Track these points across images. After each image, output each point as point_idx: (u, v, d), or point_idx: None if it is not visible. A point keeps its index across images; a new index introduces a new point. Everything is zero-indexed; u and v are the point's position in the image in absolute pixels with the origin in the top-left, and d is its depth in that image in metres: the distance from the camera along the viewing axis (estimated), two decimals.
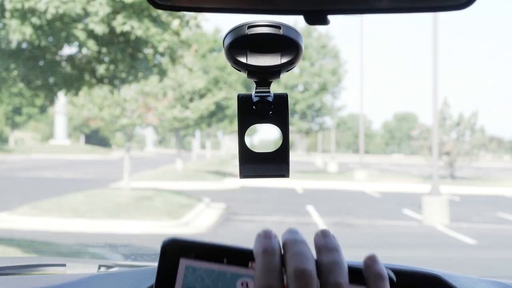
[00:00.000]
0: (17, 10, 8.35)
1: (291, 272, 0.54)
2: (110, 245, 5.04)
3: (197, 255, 0.57)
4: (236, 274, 0.57)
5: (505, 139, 40.26)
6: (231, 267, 0.57)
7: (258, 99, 0.75)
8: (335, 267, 0.55)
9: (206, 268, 0.57)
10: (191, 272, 0.57)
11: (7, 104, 31.71)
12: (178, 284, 0.56)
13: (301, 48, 0.72)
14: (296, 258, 0.54)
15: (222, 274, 0.57)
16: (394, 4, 0.75)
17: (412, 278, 1.05)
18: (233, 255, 0.57)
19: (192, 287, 0.56)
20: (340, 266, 0.55)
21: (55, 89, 9.78)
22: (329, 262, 0.55)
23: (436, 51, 14.46)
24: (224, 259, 0.57)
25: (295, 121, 31.98)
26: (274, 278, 0.54)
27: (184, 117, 18.39)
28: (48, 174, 19.86)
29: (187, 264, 0.57)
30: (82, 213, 10.15)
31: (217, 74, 26.27)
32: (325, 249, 0.56)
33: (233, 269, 0.57)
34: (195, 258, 0.57)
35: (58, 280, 1.16)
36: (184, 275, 0.57)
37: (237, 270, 0.57)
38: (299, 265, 0.54)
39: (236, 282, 0.57)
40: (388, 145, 66.46)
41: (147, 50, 9.42)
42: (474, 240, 9.03)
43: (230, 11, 0.75)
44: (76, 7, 8.39)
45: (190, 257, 0.57)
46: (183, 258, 0.57)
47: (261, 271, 0.54)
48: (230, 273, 0.57)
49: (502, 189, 19.44)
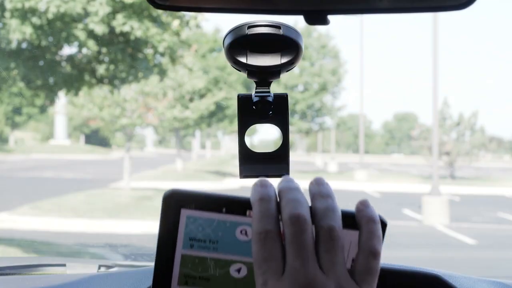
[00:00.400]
0: (17, 10, 8.35)
1: (286, 218, 0.56)
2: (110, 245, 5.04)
3: (197, 205, 0.59)
4: (235, 223, 0.59)
5: (505, 139, 40.28)
6: (230, 216, 0.59)
7: (258, 99, 0.75)
8: (328, 212, 0.57)
9: (206, 217, 0.59)
10: (192, 222, 0.59)
11: (7, 104, 31.71)
12: (180, 233, 0.59)
13: (301, 48, 0.73)
14: (291, 205, 0.56)
15: (222, 223, 0.59)
16: (394, 4, 0.75)
17: (412, 278, 1.05)
18: (231, 204, 0.59)
19: (193, 236, 0.59)
20: (334, 211, 0.57)
21: (55, 89, 9.78)
22: (322, 207, 0.57)
23: (436, 51, 14.47)
24: (223, 208, 0.59)
25: (295, 121, 31.99)
26: (271, 224, 0.56)
27: (184, 117, 18.39)
28: (48, 174, 19.86)
29: (188, 214, 0.59)
30: (82, 213, 10.15)
31: (217, 74, 26.27)
32: (319, 196, 0.58)
33: (232, 218, 0.59)
34: (195, 208, 0.59)
35: (58, 280, 1.16)
36: (185, 225, 0.59)
37: (236, 219, 0.59)
38: (293, 211, 0.56)
39: (236, 230, 0.59)
40: (388, 145, 66.46)
41: (147, 50, 9.42)
42: (474, 240, 9.03)
43: (230, 11, 0.75)
44: (76, 6, 8.39)
45: (191, 208, 0.59)
46: (184, 209, 0.59)
47: (258, 218, 0.56)
48: (229, 221, 0.59)
49: (502, 189, 19.44)
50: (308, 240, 0.55)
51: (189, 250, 0.59)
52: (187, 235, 0.59)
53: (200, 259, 0.59)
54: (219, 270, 0.60)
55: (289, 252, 0.55)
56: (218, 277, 0.60)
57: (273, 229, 0.56)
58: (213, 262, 0.59)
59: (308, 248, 0.55)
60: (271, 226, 0.56)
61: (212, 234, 0.59)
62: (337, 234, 0.56)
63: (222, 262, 0.59)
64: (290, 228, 0.56)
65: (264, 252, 0.56)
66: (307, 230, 0.55)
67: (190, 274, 0.60)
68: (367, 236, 0.57)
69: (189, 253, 0.59)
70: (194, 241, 0.59)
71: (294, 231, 0.55)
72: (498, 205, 14.51)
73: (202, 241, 0.59)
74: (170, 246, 0.59)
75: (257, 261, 0.56)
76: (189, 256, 0.59)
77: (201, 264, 0.60)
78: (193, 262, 0.60)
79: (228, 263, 0.59)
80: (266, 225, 0.56)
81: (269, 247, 0.56)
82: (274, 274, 0.55)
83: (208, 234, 0.59)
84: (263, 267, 0.56)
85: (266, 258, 0.56)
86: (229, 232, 0.59)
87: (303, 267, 0.55)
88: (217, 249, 0.59)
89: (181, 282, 0.60)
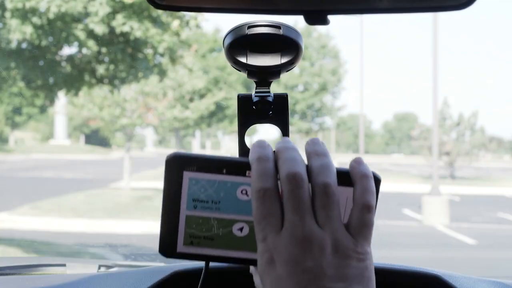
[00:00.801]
0: (18, 10, 8.35)
1: (284, 176, 0.58)
2: (110, 245, 5.04)
3: (198, 167, 0.61)
4: (235, 183, 0.61)
5: (505, 139, 40.24)
6: (230, 177, 0.61)
7: (258, 99, 0.75)
8: (323, 169, 0.59)
9: (208, 179, 0.61)
10: (194, 184, 0.61)
11: (7, 104, 31.70)
12: (184, 195, 0.61)
13: (301, 48, 0.73)
14: (288, 163, 0.59)
15: (223, 184, 0.61)
16: (394, 4, 0.75)
17: (412, 278, 1.05)
18: (231, 165, 0.61)
19: (196, 197, 0.61)
20: (329, 169, 0.59)
21: (55, 89, 9.78)
22: (318, 165, 0.59)
23: (436, 51, 14.47)
24: (224, 169, 0.61)
25: (295, 121, 31.98)
26: (269, 182, 0.58)
27: (184, 117, 18.38)
28: (48, 174, 19.85)
29: (190, 176, 0.61)
30: (82, 213, 10.15)
31: (217, 74, 26.27)
32: (315, 155, 0.60)
33: (232, 178, 0.61)
34: (197, 170, 0.61)
35: (58, 280, 1.16)
36: (188, 186, 0.61)
37: (236, 179, 0.61)
38: (290, 169, 0.58)
39: (236, 190, 0.61)
40: (388, 145, 66.43)
41: (147, 50, 9.42)
42: (474, 240, 9.03)
43: (230, 11, 0.75)
44: (77, 6, 8.39)
45: (193, 170, 0.61)
46: (186, 171, 0.61)
47: (257, 176, 0.59)
48: (230, 182, 0.61)
49: (502, 189, 19.44)
50: (305, 197, 0.58)
51: (192, 211, 0.62)
52: (190, 197, 0.61)
53: (204, 219, 0.62)
54: (222, 229, 0.62)
55: (287, 208, 0.58)
56: (222, 236, 0.62)
57: (271, 187, 0.58)
58: (216, 221, 0.62)
59: (305, 204, 0.58)
60: (269, 184, 0.58)
61: (214, 194, 0.61)
62: (332, 190, 0.58)
63: (225, 221, 0.62)
64: (287, 186, 0.58)
65: (263, 209, 0.58)
66: (303, 187, 0.58)
67: (195, 234, 0.62)
68: (361, 191, 0.60)
69: (193, 214, 0.62)
70: (197, 202, 0.62)
71: (291, 188, 0.58)
72: (498, 205, 14.51)
73: (205, 201, 0.62)
74: (174, 208, 0.62)
75: (256, 217, 0.59)
76: (193, 217, 0.62)
77: (204, 224, 0.62)
78: (197, 222, 0.62)
79: (231, 223, 0.62)
80: (265, 183, 0.58)
81: (268, 204, 0.58)
82: (273, 230, 0.58)
83: (210, 195, 0.61)
84: (262, 223, 0.58)
85: (265, 214, 0.58)
86: (230, 193, 0.62)
87: (300, 222, 0.57)
88: (219, 209, 0.62)
89: (186, 242, 0.63)
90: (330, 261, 0.57)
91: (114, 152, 39.64)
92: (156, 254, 5.42)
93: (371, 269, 0.60)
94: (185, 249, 0.63)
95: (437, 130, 14.30)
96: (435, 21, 14.58)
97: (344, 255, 0.58)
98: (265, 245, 0.58)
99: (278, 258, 0.58)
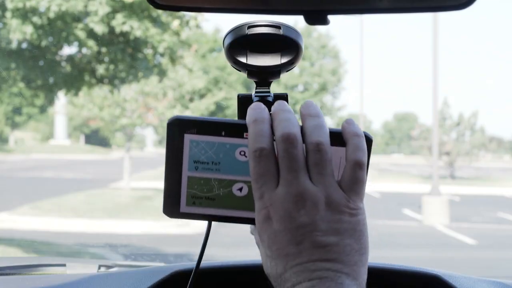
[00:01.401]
0: (18, 10, 8.35)
1: (279, 136, 0.61)
2: (110, 245, 5.04)
3: (198, 130, 0.64)
4: (234, 145, 0.65)
5: (505, 139, 40.20)
6: (229, 139, 0.64)
7: (258, 99, 0.75)
8: (317, 129, 0.62)
9: (208, 141, 0.64)
10: (195, 146, 0.64)
11: (7, 104, 31.69)
12: (185, 157, 0.64)
13: (301, 48, 0.73)
14: (283, 124, 0.62)
15: (222, 145, 0.64)
16: (394, 4, 0.75)
17: (412, 278, 1.05)
18: (230, 127, 0.65)
19: (197, 159, 0.65)
20: (322, 129, 0.62)
21: (55, 89, 9.78)
22: (311, 125, 0.62)
23: (436, 51, 14.47)
24: (222, 132, 0.64)
25: None
26: (264, 142, 0.61)
27: None
28: (48, 174, 19.85)
29: (191, 139, 0.64)
30: (82, 213, 10.15)
31: (217, 74, 26.27)
32: (308, 116, 0.63)
33: (231, 140, 0.64)
34: (197, 133, 0.64)
35: (58, 280, 1.16)
36: (189, 148, 0.64)
37: (234, 141, 0.64)
38: (285, 129, 0.61)
39: (235, 152, 0.65)
40: (388, 145, 66.42)
41: (147, 50, 9.42)
42: (474, 240, 9.03)
43: (230, 11, 0.75)
44: (78, 5, 8.39)
45: (193, 132, 0.64)
46: (187, 134, 0.64)
47: (253, 137, 0.62)
48: (229, 144, 0.64)
49: (502, 189, 19.44)
50: (299, 155, 0.61)
51: (194, 172, 0.65)
52: (192, 158, 0.64)
53: (205, 180, 0.65)
54: (223, 189, 0.65)
55: (282, 166, 0.61)
56: (222, 196, 0.65)
57: (267, 147, 0.61)
58: (217, 182, 0.65)
59: (299, 162, 0.60)
60: (265, 144, 0.61)
61: (214, 156, 0.64)
62: (325, 148, 0.61)
63: (225, 182, 0.65)
64: (282, 145, 0.61)
65: (260, 168, 0.61)
66: (297, 146, 0.61)
67: (197, 195, 0.65)
68: (353, 149, 0.62)
69: (194, 175, 0.65)
70: (198, 163, 0.64)
71: (286, 147, 0.60)
72: (498, 205, 14.51)
73: (206, 163, 0.64)
74: (177, 170, 0.65)
75: (253, 176, 0.61)
76: (194, 178, 0.65)
77: (206, 185, 0.65)
78: (199, 183, 0.65)
79: (231, 183, 0.65)
80: (260, 144, 0.61)
81: (264, 163, 0.61)
82: (269, 187, 0.61)
83: (210, 157, 0.64)
84: (259, 182, 0.61)
85: (261, 173, 0.61)
86: (229, 154, 0.65)
87: (295, 180, 0.60)
88: (219, 170, 0.65)
89: (189, 203, 0.66)
90: (323, 216, 0.60)
91: (114, 152, 39.61)
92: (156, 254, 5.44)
93: (363, 224, 0.62)
94: (188, 209, 0.66)
95: (437, 130, 14.30)
96: (435, 21, 14.58)
97: (337, 210, 0.60)
98: (262, 203, 0.61)
99: (274, 214, 0.60)
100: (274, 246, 0.61)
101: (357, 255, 0.60)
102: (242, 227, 0.73)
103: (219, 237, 7.33)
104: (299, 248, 0.59)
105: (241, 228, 0.78)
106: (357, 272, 0.60)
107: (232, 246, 7.18)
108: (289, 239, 0.60)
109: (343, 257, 0.59)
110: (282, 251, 0.60)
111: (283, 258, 0.60)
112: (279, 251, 0.60)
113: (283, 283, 0.60)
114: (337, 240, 0.60)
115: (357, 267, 0.60)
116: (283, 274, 0.60)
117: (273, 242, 0.61)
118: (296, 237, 0.60)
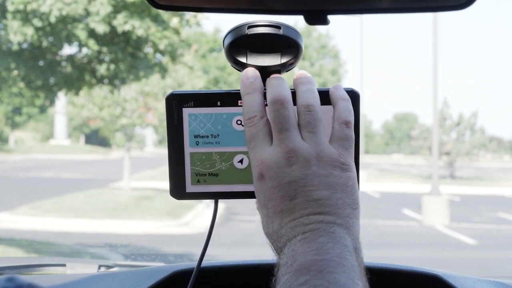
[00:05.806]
0: (19, 12, 8.35)
1: (270, 99, 0.65)
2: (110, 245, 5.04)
3: (196, 102, 0.67)
4: (230, 114, 0.67)
5: (505, 139, 40.20)
6: (225, 108, 0.67)
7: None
8: (307, 92, 0.66)
9: (205, 113, 0.67)
10: (194, 120, 0.67)
11: (7, 104, 31.69)
12: (186, 132, 0.67)
13: (301, 48, 0.73)
14: (273, 89, 0.66)
15: (219, 116, 0.67)
16: (394, 4, 0.75)
17: (412, 278, 1.05)
18: (224, 97, 0.67)
19: (197, 133, 0.67)
20: (312, 92, 0.66)
21: (55, 89, 9.77)
22: (302, 90, 0.66)
23: (436, 51, 14.46)
24: (218, 102, 0.67)
25: None
26: (257, 110, 0.65)
27: None
28: (48, 174, 19.85)
29: (190, 112, 0.67)
30: (82, 213, 10.15)
31: (217, 74, 26.27)
32: (300, 83, 0.67)
33: (227, 109, 0.68)
34: (194, 106, 0.67)
35: (58, 280, 1.15)
36: (188, 123, 0.67)
37: (230, 110, 0.68)
38: (275, 93, 0.65)
39: (232, 121, 0.67)
40: (388, 145, 66.40)
41: (148, 49, 9.42)
42: (474, 240, 9.03)
43: (230, 11, 0.75)
44: (78, 8, 8.39)
45: (190, 106, 0.67)
46: (185, 107, 0.67)
47: (246, 106, 0.65)
48: (226, 113, 0.67)
49: (502, 189, 19.44)
50: (290, 115, 0.64)
51: (195, 148, 0.67)
52: (192, 133, 0.67)
53: (207, 155, 0.68)
54: (224, 163, 0.68)
55: (274, 127, 0.64)
56: (225, 170, 0.68)
57: (259, 113, 0.65)
58: (218, 156, 0.68)
59: (290, 122, 0.64)
60: (257, 111, 0.65)
61: (212, 128, 0.67)
62: (315, 109, 0.65)
63: (225, 154, 0.68)
64: (273, 107, 0.64)
65: (252, 130, 0.64)
66: (288, 107, 0.64)
67: (200, 172, 0.68)
68: (339, 111, 0.67)
69: (196, 151, 0.67)
70: (199, 138, 0.67)
71: (277, 108, 0.64)
72: (498, 205, 14.51)
73: (205, 137, 0.67)
74: (179, 147, 0.67)
75: (247, 139, 0.65)
76: (196, 154, 0.67)
77: (208, 160, 0.68)
78: (201, 158, 0.67)
79: (231, 155, 0.68)
80: (254, 111, 0.65)
81: (256, 126, 0.64)
82: (261, 147, 0.64)
83: (209, 129, 0.67)
84: (251, 143, 0.64)
85: (253, 134, 0.64)
86: (227, 124, 0.68)
87: (286, 138, 0.63)
88: (219, 143, 0.67)
89: (193, 181, 0.68)
90: (315, 171, 0.63)
91: (114, 152, 39.61)
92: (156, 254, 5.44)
93: (354, 180, 0.65)
94: (194, 189, 0.68)
95: (437, 130, 14.29)
96: (435, 21, 14.58)
97: (328, 165, 0.63)
98: (255, 162, 0.64)
99: (267, 171, 0.63)
100: (269, 203, 0.63)
101: (349, 208, 0.63)
102: (242, 227, 0.73)
103: (219, 237, 7.33)
104: (293, 203, 0.62)
105: (241, 228, 0.78)
106: (350, 224, 0.62)
107: (232, 246, 7.18)
108: (283, 194, 0.62)
109: (336, 209, 0.62)
110: (277, 207, 0.63)
111: (278, 215, 0.62)
112: (274, 208, 0.62)
113: (279, 239, 0.62)
114: (329, 193, 0.62)
115: (350, 219, 0.62)
116: (279, 230, 0.62)
117: (268, 199, 0.63)
118: (289, 192, 0.62)
